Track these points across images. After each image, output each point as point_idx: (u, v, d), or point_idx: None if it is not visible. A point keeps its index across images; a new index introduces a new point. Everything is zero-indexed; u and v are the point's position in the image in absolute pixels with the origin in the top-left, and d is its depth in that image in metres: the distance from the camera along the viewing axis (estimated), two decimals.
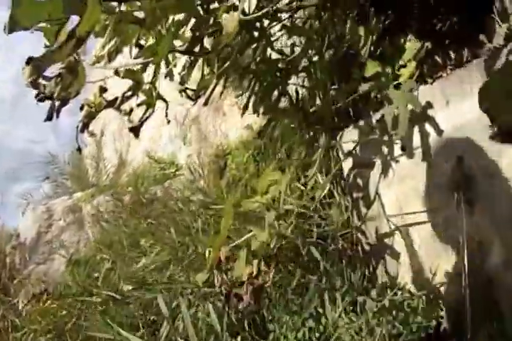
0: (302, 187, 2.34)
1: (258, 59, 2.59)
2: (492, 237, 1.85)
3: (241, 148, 4.27)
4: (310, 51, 2.42)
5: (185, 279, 2.56)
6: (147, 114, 2.16)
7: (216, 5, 2.02)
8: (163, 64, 2.10)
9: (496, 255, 1.84)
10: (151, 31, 1.89)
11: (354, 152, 2.30)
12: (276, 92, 2.71)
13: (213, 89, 2.50)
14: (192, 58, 2.32)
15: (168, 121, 2.52)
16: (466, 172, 1.93)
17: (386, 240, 2.25)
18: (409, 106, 1.92)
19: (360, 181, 2.32)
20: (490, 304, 1.85)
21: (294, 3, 1.90)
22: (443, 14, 2.17)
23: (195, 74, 2.43)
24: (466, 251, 1.85)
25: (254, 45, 2.44)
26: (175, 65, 2.38)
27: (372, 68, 2.22)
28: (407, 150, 2.11)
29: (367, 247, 2.33)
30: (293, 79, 2.95)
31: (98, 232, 4.83)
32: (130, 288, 2.86)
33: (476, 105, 1.83)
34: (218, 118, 5.19)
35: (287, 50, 2.67)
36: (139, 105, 2.17)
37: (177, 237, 2.98)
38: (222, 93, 3.02)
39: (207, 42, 1.96)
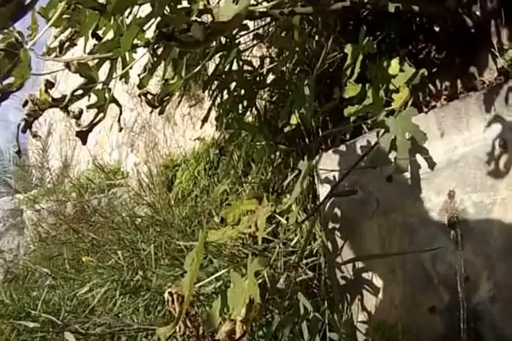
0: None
1: (227, 68, 2.25)
2: (481, 273, 1.68)
3: (192, 160, 3.86)
4: (287, 65, 2.09)
5: (135, 314, 2.14)
6: (98, 118, 1.75)
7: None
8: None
9: (483, 290, 1.68)
10: (112, 21, 1.51)
11: (333, 179, 1.97)
12: (241, 106, 2.38)
13: (171, 97, 2.14)
14: (155, 59, 1.94)
15: (120, 129, 2.12)
16: (458, 208, 1.72)
17: (364, 275, 1.95)
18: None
19: (337, 211, 1.99)
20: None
21: (285, 9, 1.57)
22: (435, 42, 1.95)
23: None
24: (462, 287, 1.67)
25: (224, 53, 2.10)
26: (131, 67, 2.04)
27: (352, 90, 1.92)
28: (394, 181, 1.82)
29: (342, 281, 2.00)
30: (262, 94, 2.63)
31: (38, 243, 4.29)
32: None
33: (472, 139, 1.67)
34: (169, 127, 4.76)
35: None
36: (89, 107, 1.75)
37: (123, 259, 2.53)
38: (180, 101, 2.65)
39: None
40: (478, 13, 1.71)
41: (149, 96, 2.21)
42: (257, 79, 2.35)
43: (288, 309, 1.92)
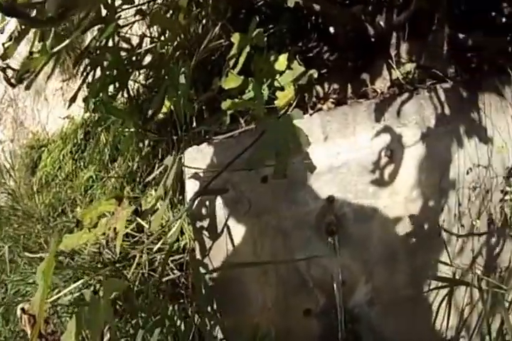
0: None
1: (102, 43, 1.90)
2: (358, 277, 1.64)
3: (59, 141, 3.36)
4: (168, 47, 1.79)
5: None
6: None
7: None
8: None
9: (360, 294, 1.65)
10: None
11: (203, 174, 1.70)
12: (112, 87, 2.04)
13: (40, 70, 1.76)
14: (23, 27, 1.59)
15: None
16: (337, 213, 1.61)
17: (235, 277, 1.72)
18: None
19: (206, 209, 1.73)
20: None
21: None
22: (328, 43, 1.80)
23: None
24: (340, 290, 1.62)
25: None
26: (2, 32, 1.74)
27: (233, 81, 1.68)
28: (270, 182, 1.61)
29: (211, 282, 1.74)
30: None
31: None
32: None
33: (357, 146, 1.57)
34: (39, 102, 4.17)
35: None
36: None
37: None
38: (50, 76, 2.24)
39: None
40: (382, 23, 1.63)
41: (10, 72, 1.83)
42: (133, 59, 2.03)
43: (154, 316, 1.65)
